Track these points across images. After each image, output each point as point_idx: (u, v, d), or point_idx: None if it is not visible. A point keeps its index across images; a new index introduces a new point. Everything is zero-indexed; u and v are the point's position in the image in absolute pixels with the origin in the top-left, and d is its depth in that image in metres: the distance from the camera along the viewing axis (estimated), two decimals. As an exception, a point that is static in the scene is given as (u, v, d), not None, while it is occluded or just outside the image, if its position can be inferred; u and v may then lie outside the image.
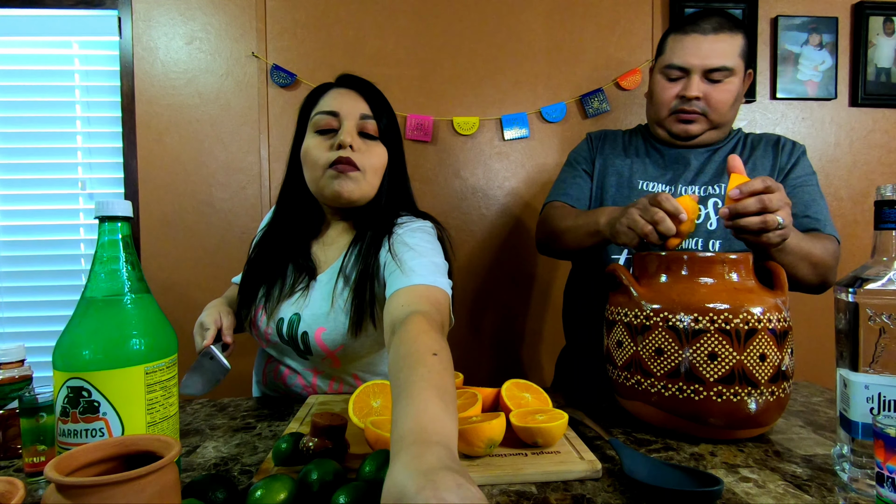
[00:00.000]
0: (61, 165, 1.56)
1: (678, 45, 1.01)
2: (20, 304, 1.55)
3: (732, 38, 0.98)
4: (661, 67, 1.04)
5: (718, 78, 0.98)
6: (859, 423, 0.53)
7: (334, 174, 0.84)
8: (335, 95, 0.88)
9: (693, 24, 1.00)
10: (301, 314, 0.87)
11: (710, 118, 1.01)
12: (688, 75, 1.00)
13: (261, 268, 0.91)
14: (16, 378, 0.71)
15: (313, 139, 0.87)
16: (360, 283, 0.83)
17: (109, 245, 0.54)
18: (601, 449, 0.65)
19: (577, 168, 1.15)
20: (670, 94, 1.02)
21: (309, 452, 0.56)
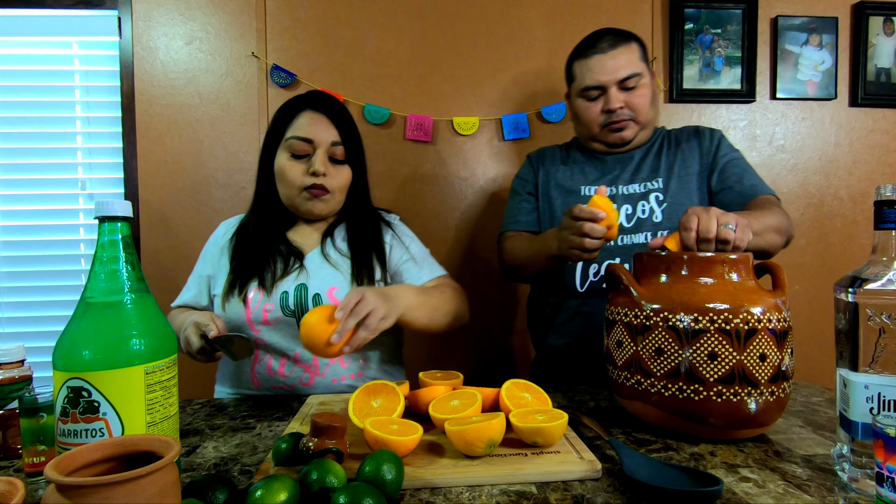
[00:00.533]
0: (61, 165, 1.56)
1: (586, 68, 1.10)
2: (20, 304, 1.55)
3: (629, 49, 1.08)
4: (577, 92, 1.13)
5: (632, 85, 1.07)
6: (859, 423, 0.54)
7: (308, 196, 0.99)
8: (309, 121, 0.99)
9: (591, 46, 1.10)
10: (307, 284, 0.97)
11: (638, 120, 1.10)
12: (605, 91, 1.09)
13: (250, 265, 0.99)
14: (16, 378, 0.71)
15: (288, 161, 0.99)
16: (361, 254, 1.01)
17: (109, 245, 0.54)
18: (601, 449, 0.65)
19: (522, 193, 1.22)
20: (596, 112, 1.11)
21: (309, 452, 0.56)
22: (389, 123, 1.57)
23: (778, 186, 1.66)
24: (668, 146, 1.16)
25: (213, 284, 1.03)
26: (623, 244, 1.09)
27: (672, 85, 1.60)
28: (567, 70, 1.17)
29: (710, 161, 1.12)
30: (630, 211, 1.10)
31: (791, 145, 1.66)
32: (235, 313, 0.96)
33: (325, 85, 1.55)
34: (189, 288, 1.06)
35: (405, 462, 0.59)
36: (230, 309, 0.96)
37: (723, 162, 1.10)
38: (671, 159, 1.13)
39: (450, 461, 0.60)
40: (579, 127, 1.18)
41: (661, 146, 1.16)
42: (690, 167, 1.12)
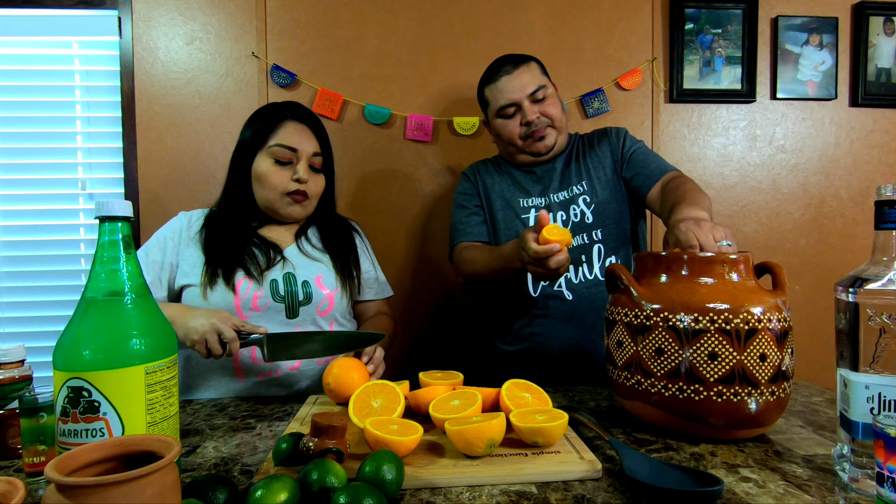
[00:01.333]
0: (61, 165, 1.55)
1: (497, 90, 1.18)
2: (20, 304, 1.55)
3: (529, 66, 1.18)
4: (494, 113, 1.21)
5: (541, 96, 1.16)
6: (859, 423, 0.53)
7: (290, 202, 1.06)
8: (293, 131, 1.06)
9: (496, 71, 1.19)
10: (294, 273, 1.04)
11: (555, 126, 1.18)
12: (519, 107, 1.17)
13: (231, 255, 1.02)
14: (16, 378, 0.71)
15: (272, 166, 1.05)
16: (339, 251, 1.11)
17: (109, 245, 0.54)
18: (601, 449, 0.65)
19: (469, 206, 1.27)
20: (515, 127, 1.18)
21: (309, 452, 0.56)
22: (389, 123, 1.57)
23: (778, 186, 1.66)
24: (583, 150, 1.24)
25: (177, 274, 1.02)
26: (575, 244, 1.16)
27: (672, 85, 1.60)
28: (480, 98, 1.26)
29: (618, 156, 1.20)
30: (564, 217, 1.18)
31: (791, 145, 1.66)
32: (222, 301, 0.97)
33: (325, 85, 1.55)
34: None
35: (405, 462, 0.59)
36: (215, 297, 0.97)
37: (629, 153, 1.19)
38: (589, 162, 1.21)
39: (450, 461, 0.60)
40: (503, 146, 1.25)
41: (577, 151, 1.24)
42: (606, 165, 1.20)
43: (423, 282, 1.61)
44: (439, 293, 1.61)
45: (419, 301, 1.60)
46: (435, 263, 1.61)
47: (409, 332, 1.59)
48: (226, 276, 0.99)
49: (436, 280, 1.61)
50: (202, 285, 0.98)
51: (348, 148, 1.57)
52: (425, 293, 1.61)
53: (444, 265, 1.61)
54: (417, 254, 1.61)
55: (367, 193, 1.59)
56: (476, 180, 1.29)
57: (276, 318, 1.00)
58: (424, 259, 1.61)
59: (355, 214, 1.55)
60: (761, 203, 1.66)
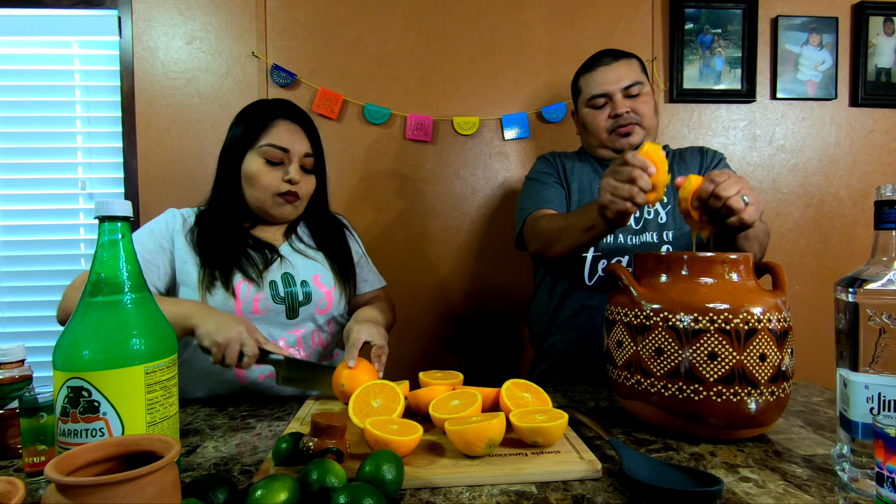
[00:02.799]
0: (61, 165, 1.55)
1: (591, 80, 1.16)
2: (20, 304, 1.55)
3: (629, 62, 1.15)
4: (584, 102, 1.18)
5: (636, 92, 1.14)
6: (859, 423, 0.53)
7: (282, 202, 1.04)
8: (285, 130, 1.03)
9: (595, 62, 1.17)
10: (292, 273, 1.04)
11: (643, 125, 1.15)
12: (611, 99, 1.14)
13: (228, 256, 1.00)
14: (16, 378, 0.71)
15: (263, 167, 1.03)
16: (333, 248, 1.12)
17: (109, 245, 0.54)
18: (601, 449, 0.65)
19: (548, 182, 1.21)
20: (603, 119, 1.16)
21: (309, 452, 0.56)
22: (389, 123, 1.57)
23: (778, 186, 1.66)
24: (671, 160, 1.19)
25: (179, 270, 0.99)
26: (631, 243, 1.12)
27: (672, 85, 1.60)
28: (573, 86, 1.24)
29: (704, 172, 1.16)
30: (637, 213, 1.12)
31: (791, 145, 1.66)
32: (221, 305, 0.96)
33: (325, 85, 1.55)
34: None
35: (405, 462, 0.59)
36: (213, 301, 0.96)
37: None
38: (674, 169, 1.17)
39: (450, 461, 0.60)
40: (588, 137, 1.22)
41: (668, 152, 1.20)
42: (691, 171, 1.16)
43: (422, 282, 1.61)
44: (438, 293, 1.61)
45: (418, 301, 1.60)
46: (434, 263, 1.61)
47: (408, 332, 1.59)
48: (224, 279, 0.97)
49: (435, 280, 1.61)
50: (200, 288, 0.97)
51: (348, 148, 1.57)
52: (424, 293, 1.61)
53: (443, 265, 1.62)
54: (417, 254, 1.61)
55: (366, 193, 1.59)
56: (556, 162, 1.25)
57: (276, 319, 1.00)
58: (424, 259, 1.61)
59: (354, 214, 1.55)
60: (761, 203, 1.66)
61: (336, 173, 1.55)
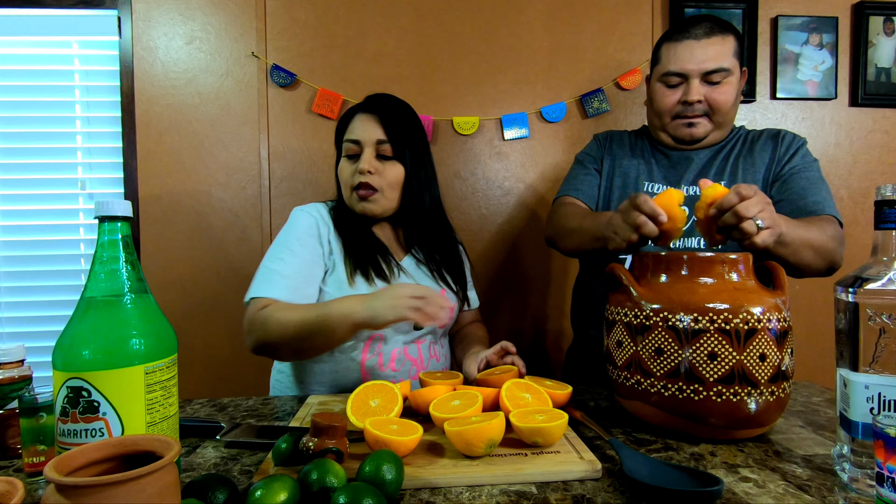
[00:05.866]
0: (61, 165, 1.56)
1: (673, 52, 1.03)
2: (20, 304, 1.55)
3: (724, 40, 1.01)
4: (658, 75, 1.07)
5: (717, 80, 1.01)
6: (859, 423, 0.53)
7: (357, 198, 1.01)
8: (359, 123, 1.03)
9: (685, 31, 1.02)
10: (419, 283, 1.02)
11: (713, 119, 1.04)
12: (687, 80, 1.02)
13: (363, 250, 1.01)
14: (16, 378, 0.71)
15: (344, 163, 1.04)
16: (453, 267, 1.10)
17: (109, 245, 0.54)
18: (601, 449, 0.65)
19: (588, 166, 1.17)
20: (672, 101, 1.05)
21: (309, 452, 0.56)
22: (389, 123, 1.57)
23: (778, 186, 1.66)
24: (740, 149, 1.09)
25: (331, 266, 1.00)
26: (675, 247, 1.04)
27: (672, 85, 1.60)
28: (654, 51, 1.10)
29: (778, 170, 1.04)
30: (688, 213, 1.02)
31: (791, 145, 1.66)
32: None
33: (325, 85, 1.55)
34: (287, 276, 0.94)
35: (405, 462, 0.59)
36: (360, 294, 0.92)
37: (791, 171, 1.03)
38: (739, 163, 1.06)
39: (450, 461, 0.60)
40: (651, 113, 1.12)
41: (732, 148, 1.09)
42: (758, 173, 1.05)
43: (423, 282, 1.60)
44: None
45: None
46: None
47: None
48: (364, 273, 0.98)
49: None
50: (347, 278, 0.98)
51: (348, 148, 1.57)
52: (425, 293, 1.61)
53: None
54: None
55: (367, 193, 1.59)
56: (606, 146, 1.18)
57: (404, 327, 0.99)
58: (424, 259, 1.61)
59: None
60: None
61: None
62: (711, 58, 1.00)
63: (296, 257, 0.97)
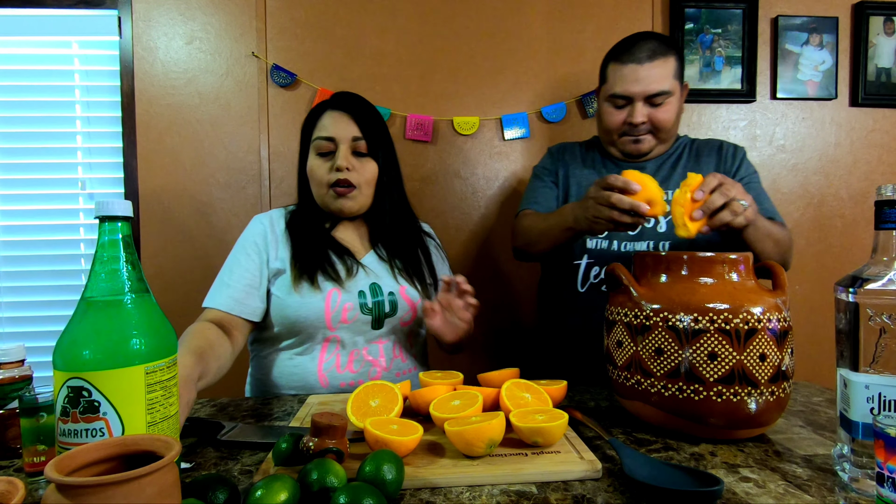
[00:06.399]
0: (61, 165, 1.56)
1: (618, 74, 1.09)
2: (20, 304, 1.55)
3: (666, 63, 1.07)
4: (605, 96, 1.13)
5: (659, 101, 1.08)
6: (859, 423, 0.53)
7: (335, 195, 1.01)
8: (331, 120, 1.02)
9: (629, 53, 1.08)
10: (378, 283, 1.02)
11: (657, 136, 1.12)
12: (631, 102, 1.08)
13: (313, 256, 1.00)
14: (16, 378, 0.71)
15: (316, 160, 1.02)
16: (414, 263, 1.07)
17: (109, 245, 0.54)
18: (601, 449, 0.65)
19: (545, 179, 1.23)
20: (618, 120, 1.11)
21: (309, 452, 0.56)
22: (389, 123, 1.57)
23: (778, 186, 1.66)
24: (686, 157, 1.16)
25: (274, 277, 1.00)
26: (625, 250, 1.11)
27: (672, 85, 1.60)
28: (602, 69, 1.16)
29: None
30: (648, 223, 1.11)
31: (791, 145, 1.66)
32: (311, 308, 0.96)
33: (325, 85, 1.55)
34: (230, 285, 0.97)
35: (405, 462, 0.59)
36: (306, 303, 0.95)
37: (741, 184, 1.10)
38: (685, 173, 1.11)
39: (450, 461, 0.60)
40: (601, 128, 1.19)
41: (678, 157, 1.17)
42: None
43: (423, 282, 1.61)
44: (439, 293, 1.61)
45: (419, 301, 1.60)
46: (435, 263, 1.61)
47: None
48: (312, 279, 0.97)
49: (436, 280, 1.61)
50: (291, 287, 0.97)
51: (348, 148, 1.57)
52: (425, 293, 1.61)
53: (444, 265, 1.61)
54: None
55: (367, 193, 1.59)
56: (559, 159, 1.24)
57: (362, 328, 0.99)
58: (424, 259, 1.61)
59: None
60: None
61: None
62: (654, 81, 1.06)
63: (240, 267, 1.00)
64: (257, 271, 1.00)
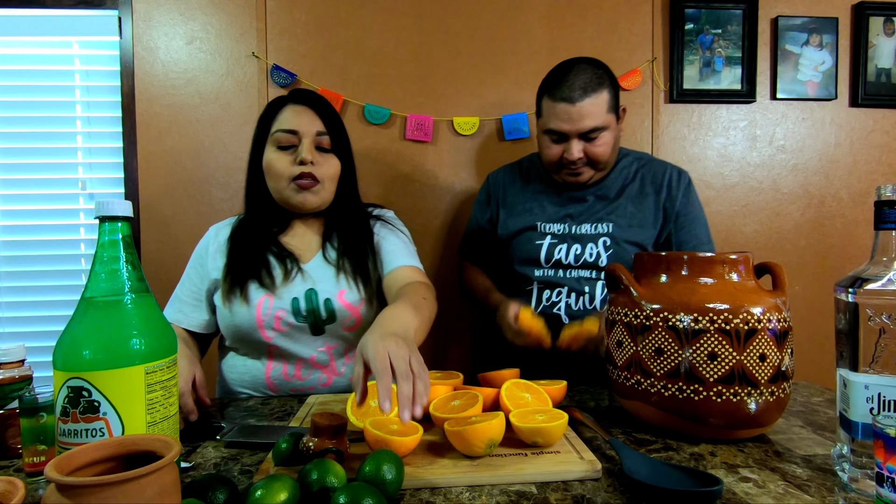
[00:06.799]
0: (61, 165, 1.55)
1: (552, 112, 1.09)
2: (20, 304, 1.55)
3: (598, 98, 1.06)
4: (541, 129, 1.14)
5: (594, 136, 1.08)
6: (859, 423, 0.53)
7: (297, 188, 0.98)
8: (293, 113, 0.99)
9: (561, 89, 1.07)
10: (315, 288, 0.97)
11: (595, 167, 1.12)
12: (566, 139, 1.09)
13: (246, 265, 0.98)
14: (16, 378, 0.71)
15: (275, 154, 0.99)
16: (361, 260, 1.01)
17: (109, 245, 0.54)
18: (601, 449, 0.65)
19: (482, 220, 1.29)
20: (555, 154, 1.12)
21: (309, 452, 0.56)
22: (389, 123, 1.57)
23: (778, 186, 1.66)
24: (629, 184, 1.17)
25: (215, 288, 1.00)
26: (570, 276, 1.15)
27: (672, 85, 1.60)
28: (537, 99, 1.17)
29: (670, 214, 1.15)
30: (579, 251, 1.14)
31: (791, 145, 1.66)
32: (242, 318, 0.94)
33: (325, 85, 1.55)
34: (180, 298, 1.02)
35: (405, 462, 0.59)
36: (236, 313, 0.94)
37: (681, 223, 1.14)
38: (627, 203, 1.15)
39: (450, 461, 0.60)
40: (542, 158, 1.19)
41: (622, 186, 1.18)
42: (646, 211, 1.14)
43: (423, 282, 1.60)
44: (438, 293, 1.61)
45: (419, 301, 1.60)
46: (434, 263, 1.61)
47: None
48: (242, 289, 0.95)
49: (437, 279, 1.61)
50: (222, 299, 0.96)
51: (348, 148, 1.57)
52: (425, 293, 1.61)
53: (444, 265, 1.61)
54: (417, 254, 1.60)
55: (366, 194, 1.58)
56: (495, 194, 1.27)
57: (302, 337, 0.97)
58: (424, 259, 1.61)
59: (355, 214, 1.55)
60: (761, 203, 1.66)
61: (336, 173, 1.55)
62: (587, 118, 1.06)
63: (188, 279, 1.03)
64: (201, 283, 1.01)
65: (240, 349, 1.00)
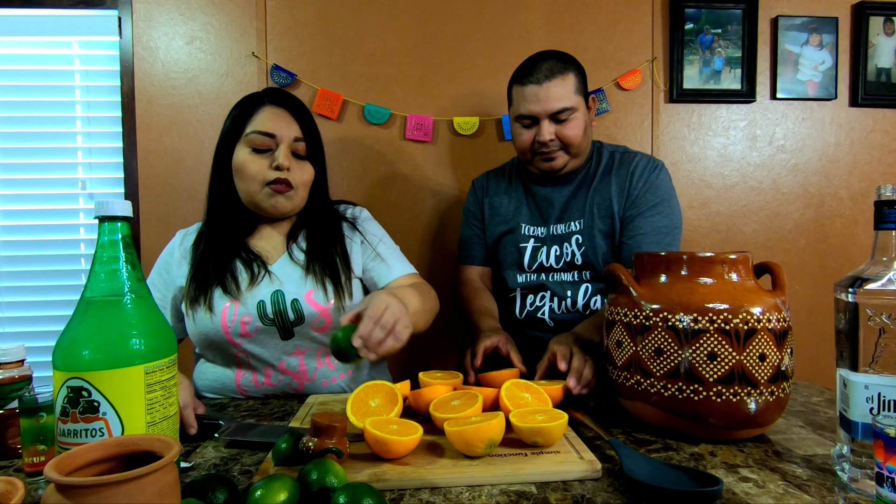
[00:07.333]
0: (61, 165, 1.55)
1: (521, 96, 1.11)
2: (20, 304, 1.55)
3: (564, 80, 1.08)
4: (513, 117, 1.15)
5: (564, 118, 1.09)
6: (859, 423, 0.53)
7: (271, 192, 0.95)
8: (270, 116, 0.96)
9: (528, 74, 1.10)
10: (282, 290, 0.95)
11: (568, 151, 1.13)
12: (537, 122, 1.10)
13: (210, 270, 0.95)
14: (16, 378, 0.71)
15: (249, 155, 0.95)
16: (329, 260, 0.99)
17: (109, 245, 0.54)
18: (601, 449, 0.65)
19: (473, 224, 1.30)
20: (528, 139, 1.13)
21: (309, 452, 0.56)
22: (389, 123, 1.57)
23: (778, 186, 1.66)
24: (600, 176, 1.17)
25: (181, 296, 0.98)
26: (553, 280, 1.17)
27: (672, 85, 1.60)
28: (508, 92, 1.18)
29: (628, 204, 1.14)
30: (558, 252, 1.16)
31: (791, 145, 1.66)
32: (206, 326, 0.92)
33: (325, 85, 1.55)
34: None
35: (405, 462, 0.59)
36: (200, 321, 0.92)
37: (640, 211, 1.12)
38: (595, 196, 1.15)
39: (450, 461, 0.60)
40: (516, 149, 1.19)
41: (592, 177, 1.18)
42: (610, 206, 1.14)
43: (423, 282, 1.60)
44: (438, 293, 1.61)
45: (419, 301, 1.60)
46: (435, 263, 1.61)
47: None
48: (206, 297, 0.92)
49: (435, 280, 1.61)
50: (187, 308, 0.94)
51: (348, 148, 1.57)
52: (425, 293, 1.61)
53: (443, 265, 1.61)
54: (417, 254, 1.61)
55: (366, 193, 1.59)
56: (481, 198, 1.28)
57: (271, 341, 0.94)
58: (424, 259, 1.61)
59: (355, 214, 1.55)
60: (761, 203, 1.66)
61: (336, 173, 1.55)
62: (555, 98, 1.07)
63: (152, 286, 1.00)
64: (166, 291, 1.00)
65: (208, 355, 0.99)
